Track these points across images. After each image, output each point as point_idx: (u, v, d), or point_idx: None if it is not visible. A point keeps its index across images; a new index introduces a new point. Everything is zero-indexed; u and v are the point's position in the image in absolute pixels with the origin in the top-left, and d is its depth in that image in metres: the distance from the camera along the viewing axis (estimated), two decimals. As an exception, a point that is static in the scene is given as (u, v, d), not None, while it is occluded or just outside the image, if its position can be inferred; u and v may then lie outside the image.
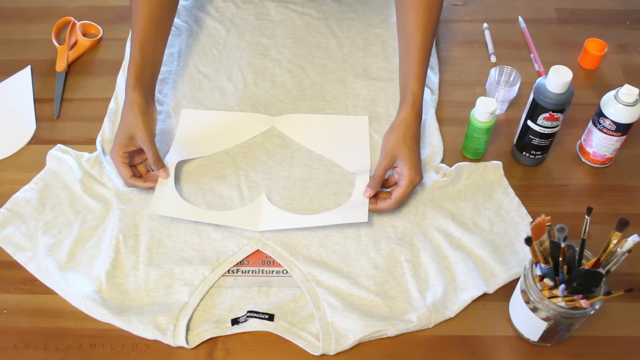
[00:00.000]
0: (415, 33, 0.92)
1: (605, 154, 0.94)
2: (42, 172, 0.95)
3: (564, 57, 1.12)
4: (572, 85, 0.87)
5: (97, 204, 0.92)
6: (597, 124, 0.92)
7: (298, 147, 0.99)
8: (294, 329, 0.80)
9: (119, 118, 0.99)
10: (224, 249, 0.87)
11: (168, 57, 1.11)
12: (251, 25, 1.18)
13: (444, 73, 1.10)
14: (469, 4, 1.24)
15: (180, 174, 0.95)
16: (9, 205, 0.91)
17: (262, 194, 0.92)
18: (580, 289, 0.69)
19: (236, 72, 1.10)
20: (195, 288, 0.83)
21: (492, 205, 0.91)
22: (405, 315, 0.81)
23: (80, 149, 0.98)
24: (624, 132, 0.90)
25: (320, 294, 0.82)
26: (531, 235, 0.69)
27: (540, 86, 0.88)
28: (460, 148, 0.99)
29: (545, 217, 0.70)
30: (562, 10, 1.22)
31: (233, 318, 0.81)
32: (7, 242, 0.88)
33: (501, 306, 0.82)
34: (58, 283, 0.84)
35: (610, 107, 0.89)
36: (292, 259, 0.85)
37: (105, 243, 0.87)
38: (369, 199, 0.88)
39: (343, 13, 1.20)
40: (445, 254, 0.86)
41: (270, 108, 1.05)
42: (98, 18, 1.20)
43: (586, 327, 0.80)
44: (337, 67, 1.10)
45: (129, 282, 0.84)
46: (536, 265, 0.72)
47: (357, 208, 0.87)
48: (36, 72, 1.12)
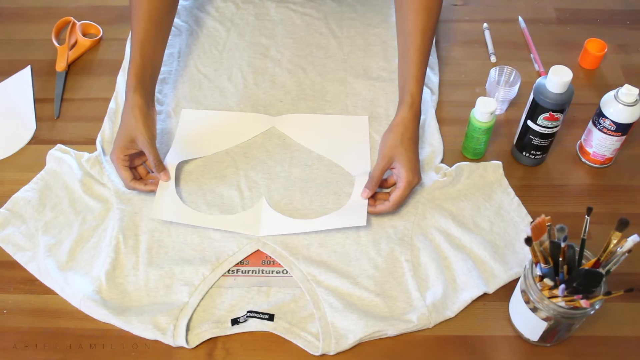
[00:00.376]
0: (414, 34, 0.91)
1: (605, 154, 0.94)
2: (42, 172, 0.95)
3: (564, 57, 1.12)
4: (572, 85, 0.87)
5: (97, 204, 0.92)
6: (597, 124, 0.92)
7: (298, 147, 0.99)
8: (294, 329, 0.80)
9: (119, 118, 0.99)
10: (224, 249, 0.87)
11: (168, 57, 1.11)
12: (251, 25, 1.18)
13: (444, 73, 1.10)
14: (469, 4, 1.24)
15: (180, 174, 0.95)
16: (9, 205, 0.91)
17: (262, 198, 0.92)
18: (580, 289, 0.69)
19: (236, 72, 1.10)
20: (195, 288, 0.83)
21: (492, 205, 0.91)
22: (405, 315, 0.81)
23: (80, 149, 0.98)
24: (624, 132, 0.90)
25: (320, 294, 0.82)
26: (531, 236, 0.69)
27: (540, 86, 0.88)
28: (460, 148, 0.99)
29: (545, 217, 0.70)
30: (562, 10, 1.22)
31: (233, 318, 0.81)
32: (7, 242, 0.88)
33: (501, 306, 0.82)
34: (58, 283, 0.84)
35: (610, 107, 0.89)
36: (292, 259, 0.85)
37: (105, 243, 0.87)
38: (368, 202, 0.88)
39: (343, 13, 1.20)
40: (445, 254, 0.86)
41: (270, 108, 1.05)
42: (98, 18, 1.20)
43: (586, 327, 0.80)
44: (337, 67, 1.10)
45: (129, 282, 0.84)
46: (536, 265, 0.72)
47: (356, 212, 0.88)
48: (36, 72, 1.12)
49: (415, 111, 0.89)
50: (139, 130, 0.88)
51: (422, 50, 0.91)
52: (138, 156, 0.92)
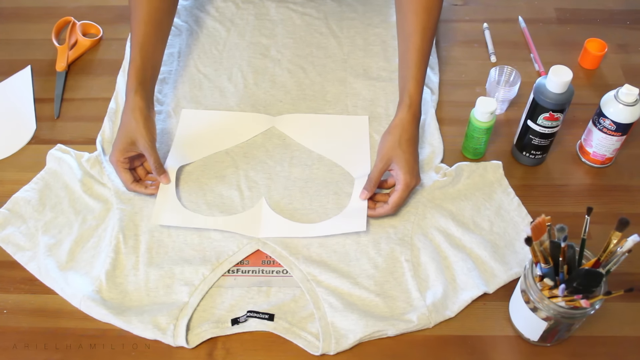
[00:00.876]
0: (414, 34, 0.91)
1: (605, 154, 0.94)
2: (42, 172, 0.95)
3: (564, 57, 1.12)
4: (572, 85, 0.87)
5: (97, 204, 0.92)
6: (597, 123, 0.92)
7: (298, 147, 0.99)
8: (294, 329, 0.80)
9: (119, 118, 0.99)
10: (224, 249, 0.86)
11: (168, 56, 1.11)
12: (251, 25, 1.18)
13: (444, 73, 1.11)
14: (469, 4, 1.24)
15: (180, 174, 0.95)
16: (9, 205, 0.91)
17: (262, 200, 0.92)
18: (580, 289, 0.69)
19: (236, 72, 1.10)
20: (195, 288, 0.83)
21: (492, 205, 0.91)
22: (406, 315, 0.81)
23: (80, 149, 0.98)
24: (624, 132, 0.90)
25: (320, 293, 0.82)
26: (531, 236, 0.69)
27: (541, 86, 0.88)
28: (460, 148, 0.99)
29: (545, 217, 0.70)
30: (562, 10, 1.22)
31: (233, 318, 0.81)
32: (7, 242, 0.88)
33: (501, 306, 0.82)
34: (58, 283, 0.84)
35: (610, 107, 0.89)
36: (292, 259, 0.85)
37: (105, 243, 0.87)
38: (367, 206, 0.88)
39: (343, 13, 1.20)
40: (445, 253, 0.86)
41: (270, 108, 1.05)
42: (98, 18, 1.20)
43: (586, 327, 0.80)
44: (337, 67, 1.10)
45: (129, 282, 0.84)
46: (536, 265, 0.72)
47: (356, 217, 0.88)
48: (36, 72, 1.12)
49: (414, 112, 0.89)
50: (140, 133, 0.88)
51: (422, 51, 0.91)
52: (137, 158, 0.92)
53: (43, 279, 0.85)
